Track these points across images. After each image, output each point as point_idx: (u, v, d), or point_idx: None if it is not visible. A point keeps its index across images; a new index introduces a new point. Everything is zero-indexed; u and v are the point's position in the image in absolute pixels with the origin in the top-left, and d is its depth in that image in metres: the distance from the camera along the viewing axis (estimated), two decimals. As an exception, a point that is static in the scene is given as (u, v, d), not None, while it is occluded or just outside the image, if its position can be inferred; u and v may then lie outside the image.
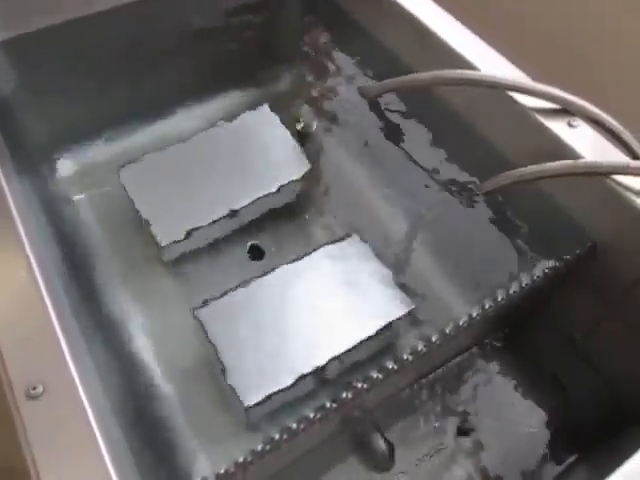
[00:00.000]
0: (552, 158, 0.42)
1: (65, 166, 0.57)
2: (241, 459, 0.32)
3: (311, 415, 0.35)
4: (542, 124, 0.43)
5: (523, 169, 0.43)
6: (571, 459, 0.45)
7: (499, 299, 0.40)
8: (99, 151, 0.57)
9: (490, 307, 0.40)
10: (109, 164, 0.54)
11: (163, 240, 0.48)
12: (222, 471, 0.32)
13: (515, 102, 0.44)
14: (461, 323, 0.39)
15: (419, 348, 0.38)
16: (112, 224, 0.53)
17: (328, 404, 0.35)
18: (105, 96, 0.55)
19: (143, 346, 0.47)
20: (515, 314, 0.47)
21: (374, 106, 0.54)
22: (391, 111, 0.54)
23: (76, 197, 0.55)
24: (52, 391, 0.29)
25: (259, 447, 0.33)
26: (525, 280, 0.41)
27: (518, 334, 0.50)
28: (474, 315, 0.39)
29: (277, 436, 0.33)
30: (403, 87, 0.50)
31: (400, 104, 0.53)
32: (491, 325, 0.47)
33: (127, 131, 0.58)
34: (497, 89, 0.44)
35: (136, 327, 0.48)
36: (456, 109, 0.48)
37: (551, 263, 0.42)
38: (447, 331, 0.39)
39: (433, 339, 0.38)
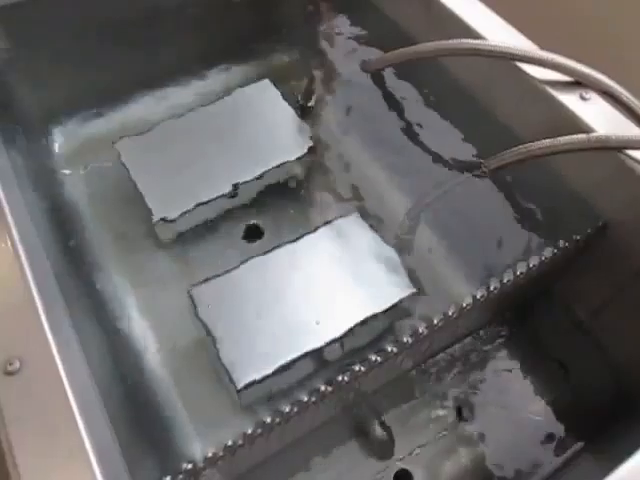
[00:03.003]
0: (563, 132, 0.40)
1: (59, 139, 0.56)
2: (230, 442, 0.31)
3: (305, 399, 0.33)
4: (553, 97, 0.41)
5: (532, 144, 0.41)
6: (575, 448, 0.44)
7: (505, 281, 0.38)
8: (95, 125, 0.56)
9: (495, 289, 0.38)
10: (105, 139, 0.53)
11: (157, 216, 0.47)
12: (210, 454, 0.30)
13: (524, 73, 0.43)
14: (464, 305, 0.37)
15: (420, 330, 0.37)
16: (107, 200, 0.52)
17: (323, 387, 0.34)
18: (103, 68, 0.54)
19: (136, 325, 0.46)
20: (521, 296, 0.46)
21: (377, 80, 0.52)
22: (395, 85, 0.52)
23: (70, 171, 0.54)
24: (29, 367, 0.28)
25: (250, 430, 0.31)
26: (532, 261, 0.39)
27: (522, 317, 0.48)
28: (478, 297, 0.38)
29: (269, 420, 0.32)
30: (407, 59, 0.48)
31: (404, 77, 0.51)
32: (495, 308, 0.46)
33: (125, 105, 0.57)
34: (505, 60, 0.42)
35: (129, 306, 0.47)
36: (462, 82, 0.47)
37: (560, 243, 0.40)
38: (450, 313, 0.37)
39: (435, 321, 0.37)
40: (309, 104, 0.56)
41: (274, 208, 0.52)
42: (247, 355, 0.40)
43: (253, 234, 0.51)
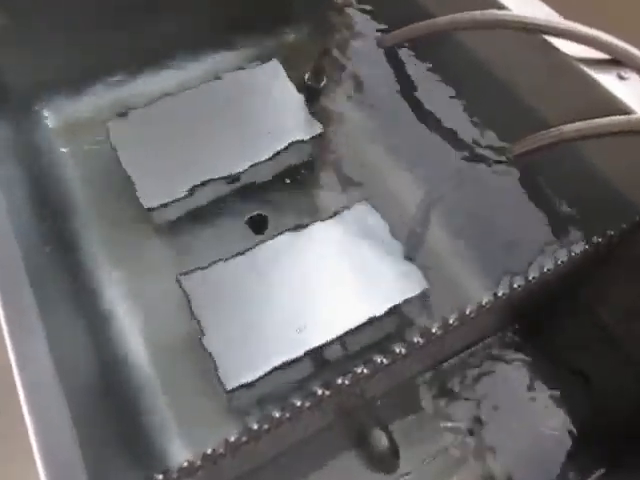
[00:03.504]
0: (598, 115, 0.37)
1: (49, 117, 0.53)
2: (210, 451, 0.27)
3: (299, 403, 0.30)
4: (587, 75, 0.38)
5: (563, 127, 0.38)
6: (600, 471, 0.41)
7: (530, 278, 0.35)
8: (88, 103, 0.53)
9: (519, 287, 0.35)
10: (100, 117, 0.50)
11: (148, 202, 0.44)
12: (186, 464, 0.26)
13: (555, 49, 0.39)
14: (484, 303, 0.34)
15: (433, 330, 0.34)
16: (98, 180, 0.49)
17: (320, 391, 0.31)
18: (101, 43, 0.51)
19: (121, 316, 0.43)
20: (544, 297, 0.42)
21: (392, 57, 0.49)
22: (410, 63, 0.49)
23: (60, 151, 0.51)
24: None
25: (233, 438, 0.27)
26: (561, 258, 0.36)
27: (542, 321, 0.45)
28: (500, 295, 0.34)
29: (256, 426, 0.28)
30: (424, 34, 0.45)
31: (420, 54, 0.48)
32: (516, 309, 0.42)
33: (123, 83, 0.55)
34: (533, 33, 0.39)
35: (115, 295, 0.44)
36: (484, 59, 0.44)
37: (592, 239, 0.37)
38: (467, 312, 0.34)
39: (450, 320, 0.34)
40: (319, 85, 0.53)
41: (278, 195, 0.49)
42: (239, 354, 0.38)
43: (255, 222, 0.48)
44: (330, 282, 0.41)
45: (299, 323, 0.39)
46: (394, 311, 0.40)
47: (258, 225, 0.48)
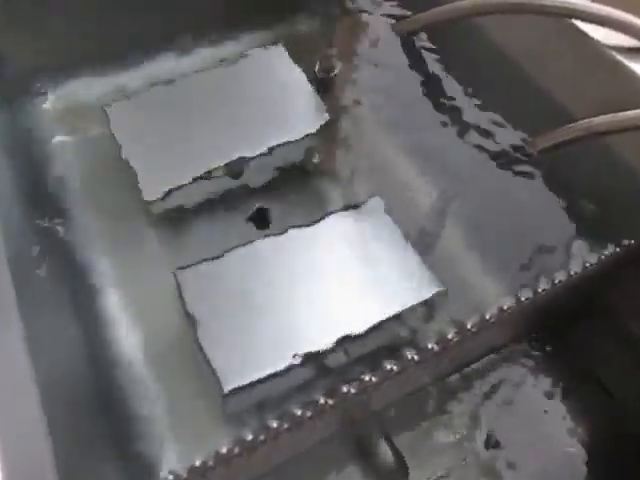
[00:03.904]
0: (632, 107, 0.35)
1: (47, 102, 0.51)
2: (198, 463, 0.24)
3: (299, 412, 0.28)
4: (620, 64, 0.36)
5: (593, 119, 0.37)
6: None
7: (556, 281, 0.33)
8: (87, 88, 0.52)
9: (544, 290, 0.33)
10: (98, 103, 0.48)
11: (149, 194, 0.43)
12: (171, 477, 0.24)
13: (584, 35, 0.37)
14: (505, 308, 0.32)
15: (449, 336, 0.32)
16: (96, 170, 0.48)
17: (323, 400, 0.29)
18: (100, 27, 0.50)
19: (115, 311, 0.42)
20: (568, 302, 0.40)
21: (408, 45, 0.48)
22: (427, 51, 0.47)
23: (56, 137, 0.50)
24: None
25: (225, 449, 0.25)
26: (589, 260, 0.34)
27: (565, 328, 0.43)
28: (523, 299, 0.32)
29: (251, 436, 0.26)
30: (443, 20, 0.43)
31: (438, 42, 0.47)
32: (538, 316, 0.40)
33: (122, 68, 0.53)
34: (561, 17, 0.37)
35: (111, 291, 0.43)
36: (505, 46, 0.42)
37: (623, 241, 0.35)
38: (487, 317, 0.32)
39: (468, 326, 0.32)
40: (329, 74, 0.51)
41: (282, 191, 0.47)
42: (237, 356, 0.36)
43: (259, 217, 0.46)
44: (337, 282, 0.39)
45: (302, 325, 0.37)
46: (406, 314, 0.37)
47: (262, 220, 0.46)
